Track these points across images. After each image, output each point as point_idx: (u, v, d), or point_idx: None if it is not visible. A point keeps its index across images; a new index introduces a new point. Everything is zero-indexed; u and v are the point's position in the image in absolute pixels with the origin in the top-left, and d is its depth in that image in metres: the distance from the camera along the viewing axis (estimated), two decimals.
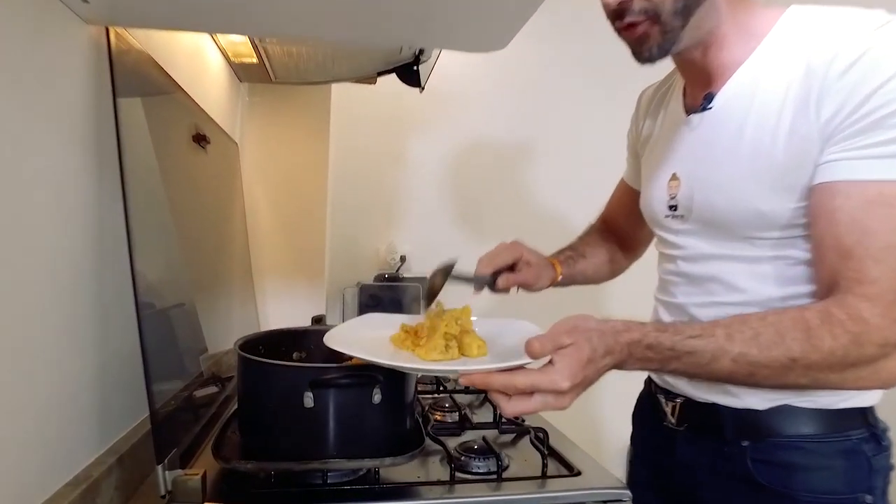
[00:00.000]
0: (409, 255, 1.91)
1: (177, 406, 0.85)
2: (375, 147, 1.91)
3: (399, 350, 0.79)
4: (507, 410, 0.60)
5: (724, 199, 0.74)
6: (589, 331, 0.61)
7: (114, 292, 0.76)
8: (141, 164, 0.87)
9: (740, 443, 0.76)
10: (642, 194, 0.91)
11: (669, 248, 0.85)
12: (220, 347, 1.27)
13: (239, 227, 1.49)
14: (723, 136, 0.75)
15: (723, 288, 0.77)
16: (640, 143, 0.97)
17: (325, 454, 0.75)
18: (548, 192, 2.03)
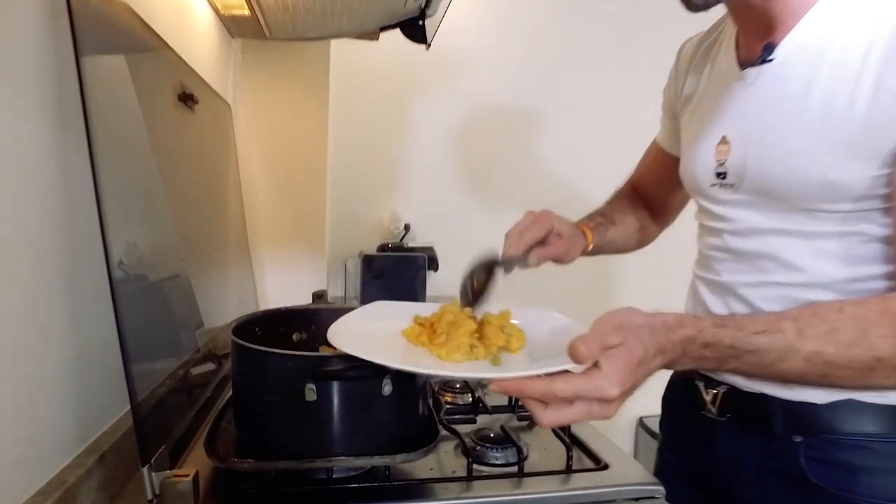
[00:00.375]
0: (413, 224, 1.83)
1: (169, 390, 0.78)
2: (378, 108, 1.80)
3: (413, 346, 0.70)
4: (543, 421, 0.51)
5: (785, 166, 0.65)
6: (638, 328, 0.53)
7: (88, 270, 0.67)
8: (126, 128, 0.79)
9: (791, 438, 0.69)
10: (683, 159, 0.82)
11: (714, 220, 0.77)
12: (216, 322, 1.20)
13: (233, 195, 1.40)
14: (785, 92, 0.66)
15: (778, 266, 0.69)
16: (681, 103, 0.87)
17: (329, 451, 0.67)
18: (561, 158, 1.93)
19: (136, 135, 0.83)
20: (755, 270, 0.71)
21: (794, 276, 0.67)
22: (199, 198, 1.16)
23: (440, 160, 1.86)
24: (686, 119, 0.84)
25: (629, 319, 0.53)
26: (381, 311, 0.79)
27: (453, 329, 0.67)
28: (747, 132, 0.70)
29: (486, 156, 1.89)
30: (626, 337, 0.51)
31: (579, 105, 1.93)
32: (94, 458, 0.64)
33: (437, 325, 0.69)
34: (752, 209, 0.71)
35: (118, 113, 0.78)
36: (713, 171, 0.74)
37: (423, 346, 0.68)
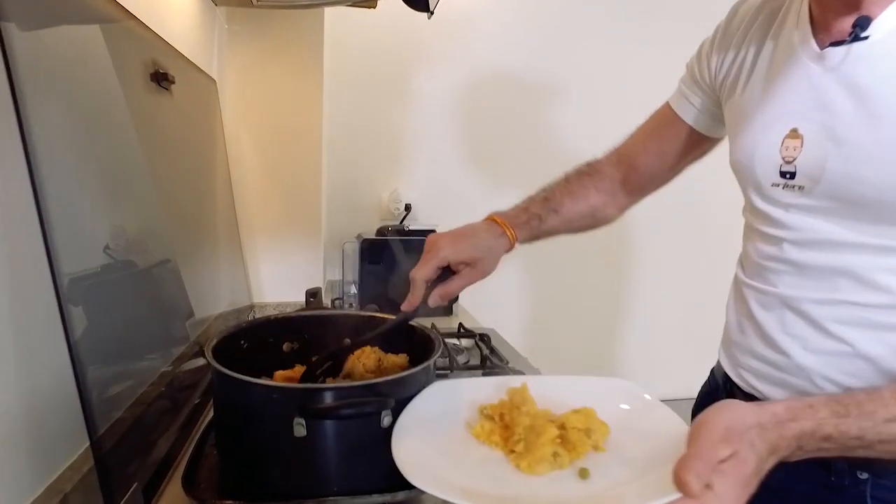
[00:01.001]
0: (414, 204, 1.74)
1: (152, 399, 0.71)
2: (376, 82, 1.69)
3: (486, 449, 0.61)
4: None
5: (879, 169, 0.56)
6: (747, 430, 0.46)
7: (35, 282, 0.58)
8: (101, 107, 0.72)
9: (856, 474, 0.61)
10: (736, 149, 0.70)
11: (772, 226, 0.66)
12: (206, 312, 1.14)
13: (221, 176, 1.31)
14: (882, 79, 0.56)
15: (856, 285, 0.60)
16: (727, 76, 0.75)
17: (322, 490, 0.60)
18: (570, 134, 1.84)
19: (120, 114, 0.76)
20: (825, 288, 0.62)
21: (875, 297, 0.59)
22: (183, 181, 1.08)
23: (443, 137, 1.76)
24: (736, 99, 0.73)
25: (737, 422, 0.47)
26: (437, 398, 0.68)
27: (532, 435, 0.59)
28: (827, 126, 0.59)
29: (492, 132, 1.79)
30: (738, 447, 0.45)
31: (591, 78, 1.82)
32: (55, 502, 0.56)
33: (508, 420, 0.61)
34: (825, 218, 0.61)
35: (101, 90, 0.72)
36: (777, 169, 0.64)
37: (497, 446, 0.60)
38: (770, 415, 0.48)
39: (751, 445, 0.46)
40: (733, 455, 0.45)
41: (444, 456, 0.58)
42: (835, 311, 0.61)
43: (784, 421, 0.48)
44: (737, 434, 0.46)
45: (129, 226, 0.80)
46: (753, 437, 0.46)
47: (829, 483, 0.63)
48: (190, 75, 1.08)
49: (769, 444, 0.46)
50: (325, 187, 1.56)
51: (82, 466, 0.63)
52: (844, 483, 0.62)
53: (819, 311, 0.62)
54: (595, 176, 0.93)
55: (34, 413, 0.58)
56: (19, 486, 0.56)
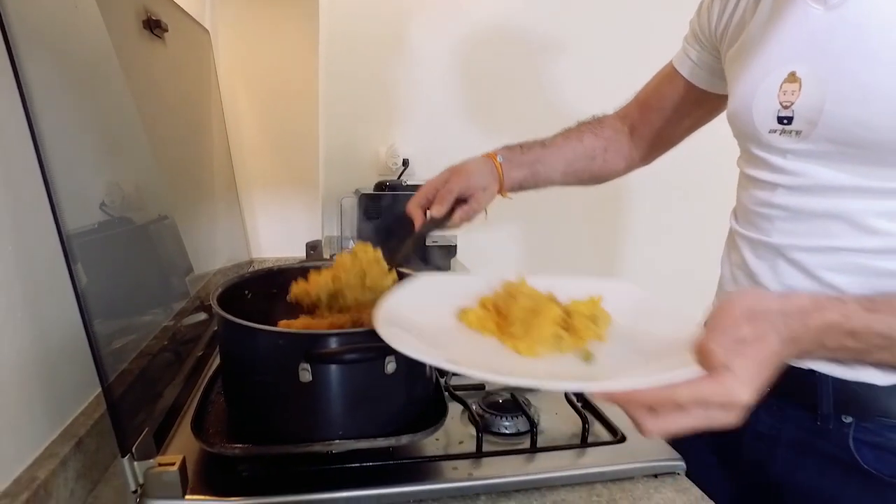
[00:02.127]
0: (412, 159, 1.72)
1: (156, 352, 0.72)
2: (373, 34, 1.64)
3: (477, 335, 0.57)
4: (650, 430, 0.43)
5: (879, 110, 0.55)
6: (771, 314, 0.45)
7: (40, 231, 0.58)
8: (88, 58, 0.70)
9: (840, 418, 0.63)
10: (734, 98, 0.69)
11: (769, 171, 0.66)
12: (205, 268, 1.14)
13: (217, 130, 1.29)
14: (884, 17, 0.54)
15: (848, 229, 0.59)
16: (727, 28, 0.74)
17: (328, 434, 0.62)
18: (573, 89, 1.79)
19: (104, 65, 0.74)
20: (818, 234, 0.62)
21: (868, 242, 0.59)
22: (179, 135, 1.07)
23: (440, 92, 1.72)
24: (736, 50, 0.72)
25: (761, 304, 0.45)
26: (428, 287, 0.67)
27: (532, 317, 0.55)
28: (826, 68, 0.58)
29: (490, 87, 1.75)
30: (761, 329, 0.44)
31: (595, 31, 1.77)
32: (70, 446, 0.58)
33: (505, 310, 0.58)
34: (821, 162, 0.61)
35: (90, 41, 0.70)
36: (774, 115, 0.63)
37: (491, 332, 0.57)
38: (795, 304, 0.46)
39: (774, 330, 0.44)
40: (758, 337, 0.43)
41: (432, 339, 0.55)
42: (826, 258, 0.61)
43: (808, 311, 0.46)
44: (762, 316, 0.44)
45: (124, 182, 0.79)
46: (778, 322, 0.44)
47: (815, 428, 0.65)
48: (183, 25, 1.05)
49: (792, 332, 0.45)
50: (323, 142, 1.54)
51: (94, 413, 0.65)
52: (829, 427, 0.64)
53: (810, 259, 0.63)
54: (595, 124, 0.94)
55: (45, 361, 0.59)
56: (36, 430, 0.57)
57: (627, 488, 0.66)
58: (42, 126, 0.51)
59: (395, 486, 0.62)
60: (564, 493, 0.65)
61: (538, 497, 0.64)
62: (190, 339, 0.92)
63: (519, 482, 0.65)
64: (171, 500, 0.57)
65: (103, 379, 0.54)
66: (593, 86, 1.79)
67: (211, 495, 0.59)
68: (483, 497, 0.64)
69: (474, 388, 0.85)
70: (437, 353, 0.49)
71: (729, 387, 0.41)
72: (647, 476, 0.69)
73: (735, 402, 0.42)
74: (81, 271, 0.54)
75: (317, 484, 0.61)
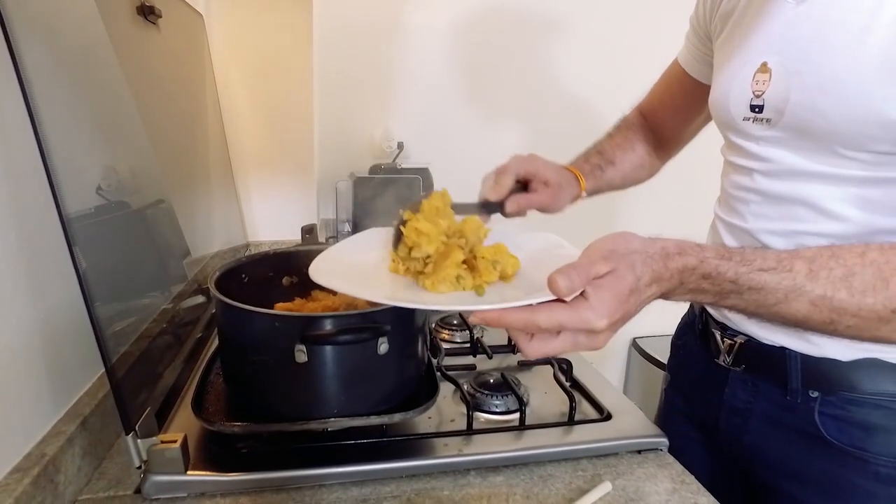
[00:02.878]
0: (407, 142, 1.72)
1: (155, 334, 0.74)
2: (368, 16, 1.64)
3: (399, 277, 0.64)
4: (528, 352, 0.48)
5: (835, 101, 0.57)
6: (631, 254, 0.48)
7: (40, 217, 0.60)
8: (83, 44, 0.71)
9: (808, 393, 0.66)
10: (714, 87, 0.72)
11: (744, 157, 0.69)
12: (202, 251, 1.16)
13: (212, 116, 1.30)
14: (849, 11, 0.56)
15: (812, 213, 0.62)
16: (717, 19, 0.76)
17: (324, 412, 0.64)
18: (573, 71, 1.78)
19: (98, 51, 0.74)
20: (786, 217, 0.65)
21: (830, 226, 0.61)
22: (174, 120, 1.08)
23: (435, 74, 1.72)
24: (721, 40, 0.74)
25: (622, 245, 0.48)
26: (369, 240, 0.71)
27: (441, 259, 0.61)
28: (793, 59, 0.60)
29: (486, 68, 1.75)
30: (616, 265, 0.47)
31: (591, 11, 1.76)
32: (76, 425, 0.60)
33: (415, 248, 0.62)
34: (789, 149, 0.63)
35: (85, 27, 0.71)
36: (747, 104, 0.65)
37: (409, 274, 0.63)
38: (660, 247, 0.49)
39: (630, 267, 0.47)
40: (611, 271, 0.46)
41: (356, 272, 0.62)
42: (793, 241, 0.64)
43: (671, 254, 0.49)
44: (618, 255, 0.48)
45: (120, 166, 0.80)
46: (635, 260, 0.47)
47: (784, 402, 0.68)
48: (177, 9, 1.05)
49: (652, 272, 0.48)
50: (317, 125, 1.54)
51: (98, 393, 0.67)
52: (797, 401, 0.67)
53: (779, 241, 0.65)
54: (633, 128, 0.96)
55: (50, 344, 0.61)
56: (43, 410, 0.59)
57: (612, 464, 0.69)
58: (41, 113, 0.52)
59: (388, 461, 0.65)
60: (551, 468, 0.68)
61: (526, 472, 0.67)
62: (189, 321, 0.94)
63: (507, 458, 0.68)
64: (174, 475, 0.60)
65: (106, 360, 0.56)
66: (590, 66, 1.79)
67: (211, 471, 0.62)
68: (473, 472, 0.66)
69: (466, 368, 0.88)
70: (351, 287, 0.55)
71: (584, 315, 0.45)
72: (631, 452, 0.72)
73: (591, 327, 0.45)
74: (81, 255, 0.55)
75: (313, 460, 0.64)
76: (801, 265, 0.50)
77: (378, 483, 0.64)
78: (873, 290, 0.49)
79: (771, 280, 0.50)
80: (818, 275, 0.50)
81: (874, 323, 0.50)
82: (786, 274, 0.50)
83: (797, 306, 0.50)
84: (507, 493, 0.63)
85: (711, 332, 0.76)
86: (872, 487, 0.64)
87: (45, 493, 0.54)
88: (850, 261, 0.50)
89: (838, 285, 0.49)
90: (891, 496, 0.63)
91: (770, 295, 0.50)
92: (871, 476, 0.64)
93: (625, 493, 0.64)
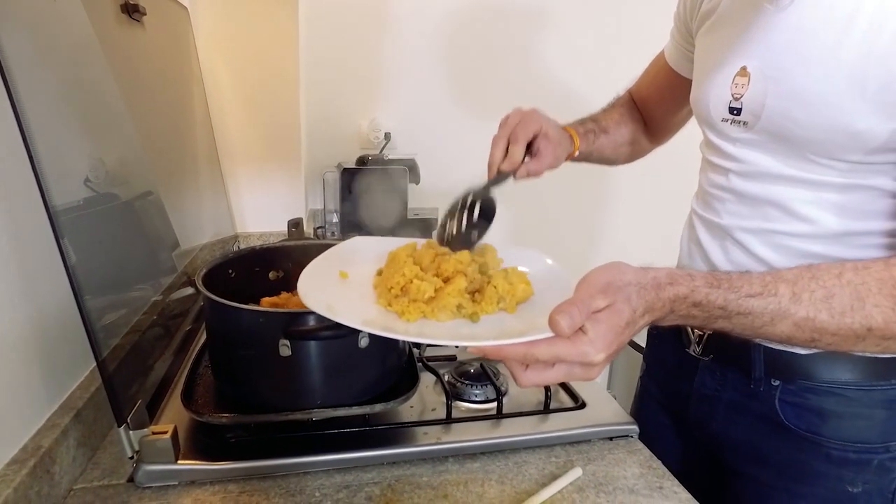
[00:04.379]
0: (394, 133, 1.74)
1: (146, 327, 0.76)
2: (354, 5, 1.64)
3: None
4: (522, 382, 0.50)
5: (807, 110, 0.60)
6: (626, 287, 0.50)
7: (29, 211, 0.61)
8: (71, 41, 0.72)
9: (770, 381, 0.70)
10: (695, 87, 0.75)
11: (721, 157, 0.72)
12: (191, 243, 1.17)
13: (199, 108, 1.31)
14: (825, 21, 0.58)
15: (783, 214, 0.66)
16: (699, 18, 0.78)
17: (308, 403, 0.67)
18: (560, 62, 1.80)
19: (83, 46, 0.75)
20: (758, 216, 0.68)
21: (798, 227, 0.65)
22: (161, 113, 1.09)
23: (422, 64, 1.73)
24: (702, 39, 0.76)
25: (617, 279, 0.50)
26: (358, 249, 0.72)
27: (444, 286, 0.61)
28: (771, 65, 0.63)
29: (473, 59, 1.76)
30: (614, 299, 0.49)
31: (583, 3, 1.77)
32: (70, 417, 0.63)
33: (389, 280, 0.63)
34: (763, 152, 0.66)
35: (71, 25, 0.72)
36: (726, 105, 0.68)
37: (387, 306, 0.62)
38: (651, 278, 0.51)
39: (626, 299, 0.49)
40: (609, 306, 0.48)
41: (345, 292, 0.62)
42: (764, 238, 0.67)
43: (663, 285, 0.51)
44: (615, 288, 0.49)
45: (107, 158, 0.81)
46: (631, 292, 0.49)
47: (748, 390, 0.72)
48: (160, 4, 1.06)
49: (646, 303, 0.50)
50: (304, 116, 1.55)
51: (90, 386, 0.69)
52: (760, 389, 0.71)
53: (751, 238, 0.69)
54: (626, 107, 0.98)
55: (42, 338, 0.63)
56: (37, 403, 0.62)
57: (584, 450, 0.73)
58: (25, 107, 0.53)
59: (370, 449, 0.68)
60: (526, 454, 0.71)
61: (501, 459, 0.70)
62: (178, 313, 0.96)
63: (484, 445, 0.71)
64: (165, 464, 0.63)
65: (97, 354, 0.58)
66: (577, 57, 1.81)
67: (201, 460, 0.65)
68: (451, 459, 0.70)
69: (447, 359, 0.91)
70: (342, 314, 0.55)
71: (583, 349, 0.47)
72: (603, 439, 0.75)
73: (589, 360, 0.47)
74: (70, 248, 0.57)
75: (298, 448, 0.67)
76: (785, 288, 0.52)
77: (360, 470, 0.67)
78: (851, 311, 0.52)
79: (758, 305, 0.52)
80: (801, 297, 0.52)
81: (851, 339, 0.53)
82: (771, 298, 0.52)
83: (782, 328, 0.53)
84: (482, 479, 0.67)
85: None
86: (824, 468, 0.68)
87: (42, 483, 0.56)
88: (829, 282, 0.53)
89: (819, 307, 0.52)
90: (840, 476, 0.68)
91: (757, 319, 0.52)
92: (823, 458, 0.68)
93: (594, 477, 0.67)
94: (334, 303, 0.58)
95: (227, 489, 0.63)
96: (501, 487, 0.65)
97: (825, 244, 0.63)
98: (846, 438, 0.67)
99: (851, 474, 0.68)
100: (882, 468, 0.68)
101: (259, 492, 0.63)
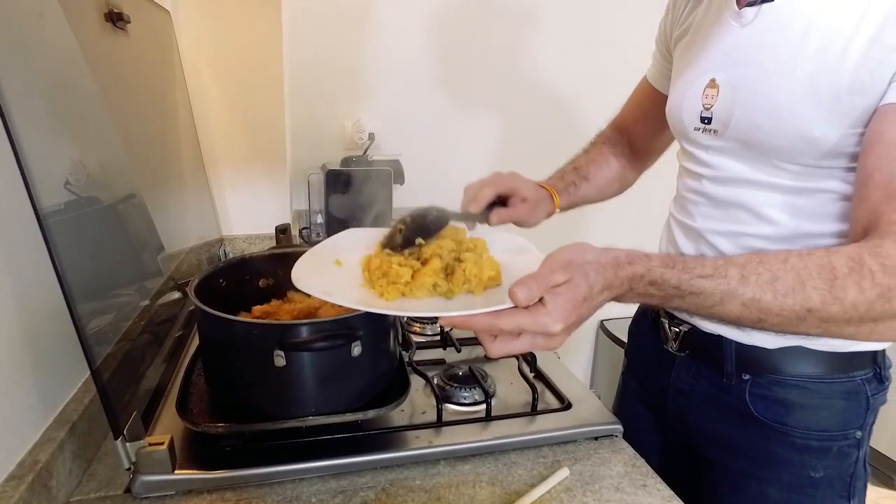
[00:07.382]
0: (378, 133, 1.75)
1: (136, 334, 0.77)
2: (338, 6, 1.64)
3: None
4: (491, 352, 0.53)
5: (770, 118, 0.64)
6: (586, 264, 0.53)
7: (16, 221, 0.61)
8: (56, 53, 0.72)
9: (741, 375, 0.75)
10: (670, 99, 0.79)
11: (695, 164, 0.76)
12: (177, 246, 1.17)
13: (183, 112, 1.30)
14: (782, 37, 0.63)
15: (751, 217, 0.70)
16: (675, 38, 0.82)
17: (302, 411, 0.69)
18: (550, 67, 1.81)
19: (67, 59, 0.75)
20: (729, 219, 0.72)
21: (763, 228, 0.69)
22: (144, 117, 1.08)
23: (406, 66, 1.73)
24: (678, 56, 0.81)
25: (578, 257, 0.53)
26: (350, 241, 0.73)
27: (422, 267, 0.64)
28: (737, 77, 0.68)
29: (457, 60, 1.76)
30: (572, 275, 0.52)
31: (571, 3, 1.78)
32: (65, 430, 0.64)
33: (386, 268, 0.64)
34: (733, 158, 0.70)
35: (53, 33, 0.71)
36: (698, 115, 0.73)
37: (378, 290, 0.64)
38: (612, 257, 0.54)
39: (585, 275, 0.52)
40: (568, 281, 0.52)
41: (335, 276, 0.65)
42: (734, 241, 0.72)
43: (622, 263, 0.54)
44: (575, 265, 0.53)
45: (88, 161, 0.80)
46: (589, 270, 0.53)
47: (721, 384, 0.76)
48: (143, 10, 1.05)
49: (604, 280, 0.53)
50: (289, 118, 1.55)
51: (83, 398, 0.70)
52: (732, 383, 0.75)
53: (722, 241, 0.73)
54: (608, 144, 1.00)
55: (36, 353, 0.64)
56: (33, 418, 0.62)
57: (570, 450, 0.75)
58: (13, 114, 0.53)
59: (364, 455, 0.70)
60: (515, 455, 0.74)
61: (491, 460, 0.73)
62: (167, 318, 0.97)
63: (474, 448, 0.73)
64: (162, 475, 0.64)
65: (91, 363, 0.59)
66: (563, 58, 1.82)
67: (197, 469, 0.66)
68: (443, 462, 0.72)
69: (435, 362, 0.93)
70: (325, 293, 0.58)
71: (542, 320, 0.50)
72: (589, 439, 0.78)
73: (548, 330, 0.50)
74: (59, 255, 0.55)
75: (293, 455, 0.69)
76: (734, 271, 0.56)
77: (354, 475, 0.69)
78: (793, 293, 0.55)
79: (709, 285, 0.55)
80: (748, 280, 0.55)
81: (794, 321, 0.56)
82: (721, 280, 0.55)
83: (731, 307, 0.56)
84: (474, 481, 0.69)
85: (661, 321, 0.83)
86: (789, 455, 0.73)
87: (41, 497, 0.57)
88: (775, 266, 0.56)
89: (765, 288, 0.55)
90: (804, 463, 0.73)
91: (708, 298, 0.56)
92: (788, 446, 0.73)
93: (581, 477, 0.70)
94: (327, 285, 0.60)
95: (225, 497, 0.64)
96: (492, 489, 0.67)
97: (784, 244, 0.67)
98: (809, 427, 0.72)
99: (814, 460, 0.73)
100: (841, 454, 0.72)
101: (256, 499, 0.64)
